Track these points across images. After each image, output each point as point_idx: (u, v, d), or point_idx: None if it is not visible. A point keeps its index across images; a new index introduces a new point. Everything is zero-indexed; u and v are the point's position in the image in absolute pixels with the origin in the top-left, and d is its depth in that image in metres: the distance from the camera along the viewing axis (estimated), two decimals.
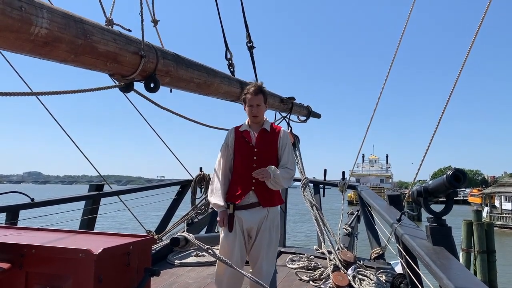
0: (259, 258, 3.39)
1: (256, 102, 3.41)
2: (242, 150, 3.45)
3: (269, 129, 3.51)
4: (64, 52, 2.05)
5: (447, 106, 3.98)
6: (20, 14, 1.74)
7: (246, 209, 3.37)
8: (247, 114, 3.51)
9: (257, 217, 3.37)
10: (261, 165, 3.36)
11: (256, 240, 3.39)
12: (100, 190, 6.09)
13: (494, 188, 51.60)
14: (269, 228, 3.40)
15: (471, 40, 3.53)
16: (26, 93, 2.16)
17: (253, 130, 3.49)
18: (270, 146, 3.47)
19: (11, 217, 4.67)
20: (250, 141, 3.44)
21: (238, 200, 3.37)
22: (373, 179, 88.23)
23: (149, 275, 2.32)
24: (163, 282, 4.42)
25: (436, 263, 2.28)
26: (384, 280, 4.37)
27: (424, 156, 4.34)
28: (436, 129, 4.10)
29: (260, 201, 3.38)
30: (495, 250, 18.88)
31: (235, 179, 3.46)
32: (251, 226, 3.38)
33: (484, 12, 3.34)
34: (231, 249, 3.33)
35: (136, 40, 2.57)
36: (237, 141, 3.48)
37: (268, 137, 3.48)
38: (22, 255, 2.10)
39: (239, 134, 3.49)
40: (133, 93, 2.84)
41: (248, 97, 3.43)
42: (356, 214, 7.46)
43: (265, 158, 3.42)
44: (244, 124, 3.56)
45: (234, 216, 3.36)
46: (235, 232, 3.34)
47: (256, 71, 4.59)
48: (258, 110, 3.44)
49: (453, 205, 2.98)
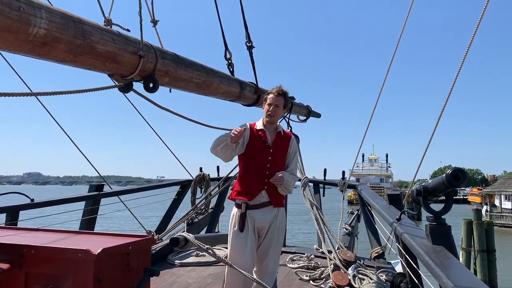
0: (267, 257, 3.43)
1: (276, 102, 3.49)
2: (257, 148, 3.47)
3: (282, 133, 3.59)
4: (62, 53, 2.04)
5: (447, 105, 3.99)
6: (18, 14, 1.73)
7: (257, 208, 3.40)
8: (264, 113, 3.55)
9: (269, 217, 3.42)
10: (274, 165, 3.44)
11: (265, 239, 3.43)
12: (100, 191, 6.09)
13: (494, 187, 51.59)
14: (278, 228, 3.48)
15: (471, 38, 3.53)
16: (26, 93, 2.15)
17: (268, 131, 3.53)
18: (283, 149, 3.56)
19: (11, 217, 4.67)
20: (267, 141, 3.48)
21: (251, 198, 3.38)
22: (373, 179, 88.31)
23: (149, 275, 2.33)
24: (163, 282, 4.42)
25: (436, 262, 2.29)
26: (384, 280, 4.38)
27: (423, 156, 4.35)
28: (435, 128, 4.11)
29: (272, 201, 3.44)
30: (495, 249, 18.88)
31: (248, 176, 3.47)
32: (263, 225, 3.41)
33: (483, 10, 3.35)
34: (243, 250, 3.33)
35: (135, 40, 2.56)
36: (253, 138, 3.49)
37: (282, 141, 3.56)
38: (21, 255, 2.10)
39: (255, 131, 3.52)
40: (133, 93, 2.84)
41: (270, 96, 3.52)
42: (356, 214, 7.47)
43: (278, 160, 3.50)
44: (258, 123, 3.58)
45: (246, 215, 3.37)
46: (247, 231, 3.35)
47: (256, 71, 4.58)
48: (275, 110, 3.50)
49: (453, 204, 2.99)
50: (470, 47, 3.58)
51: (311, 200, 5.52)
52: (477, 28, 3.44)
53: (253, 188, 3.41)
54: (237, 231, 3.36)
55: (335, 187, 7.06)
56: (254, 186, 3.42)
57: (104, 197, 6.09)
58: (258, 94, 4.42)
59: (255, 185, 3.41)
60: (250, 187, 3.42)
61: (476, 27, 3.45)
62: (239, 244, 3.34)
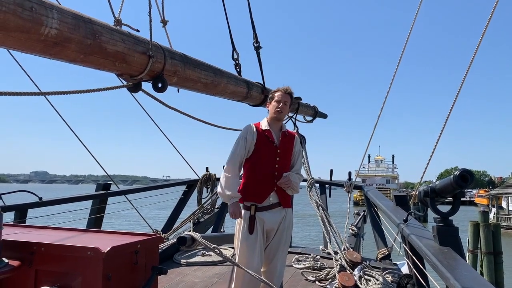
0: (275, 258, 3.42)
1: (284, 99, 3.49)
2: (265, 149, 3.43)
3: (287, 133, 3.58)
4: (73, 52, 2.07)
5: (454, 106, 3.96)
6: (31, 14, 1.76)
7: (266, 210, 3.37)
8: (270, 110, 3.52)
9: (278, 218, 3.40)
10: (282, 166, 3.42)
11: (274, 240, 3.41)
12: (107, 190, 6.12)
13: (501, 189, 51.11)
14: (286, 229, 3.46)
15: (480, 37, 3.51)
16: (35, 93, 2.18)
17: (274, 131, 3.50)
18: (289, 149, 3.54)
19: (19, 216, 4.71)
20: (273, 141, 3.45)
21: (262, 200, 3.36)
22: (379, 180, 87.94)
23: (157, 274, 2.34)
24: (170, 281, 4.44)
25: (443, 263, 2.28)
26: (391, 281, 4.36)
27: (430, 157, 4.33)
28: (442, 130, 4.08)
29: (281, 202, 3.42)
30: (502, 251, 18.71)
31: (257, 178, 3.41)
32: (272, 227, 3.39)
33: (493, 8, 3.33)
34: (252, 253, 3.29)
35: (144, 40, 2.58)
36: (260, 139, 3.43)
37: (287, 140, 3.54)
38: (31, 253, 2.13)
39: (261, 131, 3.47)
40: (140, 93, 2.85)
41: (277, 94, 3.52)
42: (362, 215, 7.45)
43: (285, 160, 3.48)
44: (263, 123, 3.54)
45: (256, 217, 3.33)
46: (256, 234, 3.31)
47: (263, 71, 4.59)
48: (283, 107, 3.49)
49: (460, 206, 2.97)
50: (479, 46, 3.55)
51: (317, 201, 5.51)
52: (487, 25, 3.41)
53: (262, 189, 3.38)
54: (246, 233, 3.32)
55: (341, 188, 7.04)
56: (263, 187, 3.38)
57: (111, 196, 6.12)
58: (265, 94, 4.43)
59: (264, 187, 3.38)
60: (259, 188, 3.38)
61: (486, 25, 3.41)
62: (248, 247, 3.31)
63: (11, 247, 2.16)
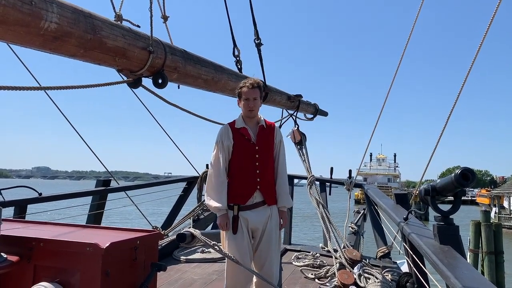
0: (267, 261, 3.31)
1: (253, 96, 3.30)
2: (243, 148, 3.32)
3: (265, 125, 3.42)
4: (73, 47, 2.06)
5: (456, 105, 3.95)
6: (30, 8, 1.75)
7: (250, 209, 3.27)
8: (243, 109, 3.36)
9: (263, 217, 3.30)
10: (263, 163, 3.31)
11: (263, 241, 3.31)
12: (107, 186, 6.12)
13: (503, 188, 51.02)
14: (273, 228, 3.35)
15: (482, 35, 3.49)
16: (35, 87, 2.18)
17: (250, 127, 3.37)
18: (269, 143, 3.40)
19: (19, 211, 4.70)
20: (250, 139, 3.33)
21: (245, 201, 3.26)
22: (380, 178, 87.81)
23: (156, 270, 2.33)
24: (169, 278, 4.44)
25: (443, 262, 2.26)
26: (390, 279, 4.35)
27: (431, 155, 4.31)
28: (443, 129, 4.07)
29: (266, 200, 3.31)
30: (503, 251, 18.71)
31: (239, 179, 3.31)
32: (257, 226, 3.29)
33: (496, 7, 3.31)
34: (244, 251, 3.22)
35: (145, 36, 2.58)
36: (236, 139, 3.32)
37: (266, 134, 3.40)
38: (30, 248, 2.12)
39: (236, 131, 3.34)
40: (141, 89, 2.85)
41: (244, 90, 3.31)
42: (363, 213, 7.43)
43: (266, 155, 3.35)
44: (238, 120, 3.40)
45: (239, 217, 3.25)
46: (242, 233, 3.24)
47: (264, 68, 4.57)
48: (254, 104, 3.31)
49: (461, 205, 2.96)
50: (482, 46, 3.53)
51: (317, 199, 5.51)
52: (489, 25, 3.40)
53: (245, 190, 3.28)
54: (230, 233, 3.25)
55: (341, 186, 7.03)
56: (246, 188, 3.28)
57: (111, 192, 6.12)
58: (266, 92, 4.42)
59: (247, 187, 3.28)
60: (242, 189, 3.29)
61: (489, 24, 3.40)
62: (237, 245, 3.23)
63: (10, 242, 2.16)
